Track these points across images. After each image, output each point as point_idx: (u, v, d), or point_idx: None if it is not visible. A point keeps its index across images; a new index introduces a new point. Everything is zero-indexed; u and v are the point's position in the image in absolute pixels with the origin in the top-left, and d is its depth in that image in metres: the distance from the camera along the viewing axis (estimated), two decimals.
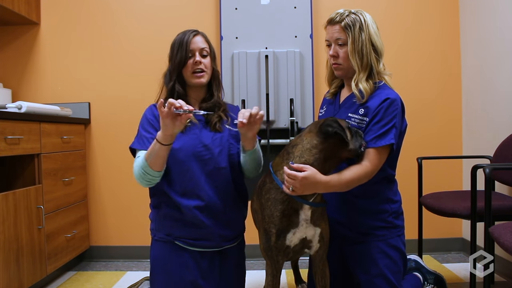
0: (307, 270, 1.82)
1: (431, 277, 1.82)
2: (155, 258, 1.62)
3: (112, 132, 2.74)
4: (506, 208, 1.84)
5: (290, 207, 1.39)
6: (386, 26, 2.70)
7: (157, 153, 1.43)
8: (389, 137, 1.44)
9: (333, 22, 1.53)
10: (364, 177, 1.42)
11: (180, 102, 1.37)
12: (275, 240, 1.39)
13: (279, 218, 1.39)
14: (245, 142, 1.55)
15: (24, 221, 1.98)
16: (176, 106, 1.35)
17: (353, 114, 1.54)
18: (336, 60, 1.56)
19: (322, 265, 1.50)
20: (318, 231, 1.43)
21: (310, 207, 1.40)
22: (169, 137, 1.42)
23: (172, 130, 1.39)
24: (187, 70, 1.60)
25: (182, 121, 1.38)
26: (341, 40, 1.52)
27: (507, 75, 2.24)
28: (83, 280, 2.39)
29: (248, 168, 1.63)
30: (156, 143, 1.43)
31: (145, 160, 1.46)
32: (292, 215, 1.39)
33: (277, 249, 1.41)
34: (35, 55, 2.75)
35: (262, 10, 2.63)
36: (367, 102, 1.51)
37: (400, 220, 1.61)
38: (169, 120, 1.36)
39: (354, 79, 1.52)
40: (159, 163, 1.46)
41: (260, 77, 2.59)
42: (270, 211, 1.41)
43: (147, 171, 1.47)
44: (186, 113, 1.36)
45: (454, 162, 2.73)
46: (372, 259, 1.55)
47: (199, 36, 1.63)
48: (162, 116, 1.37)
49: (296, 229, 1.40)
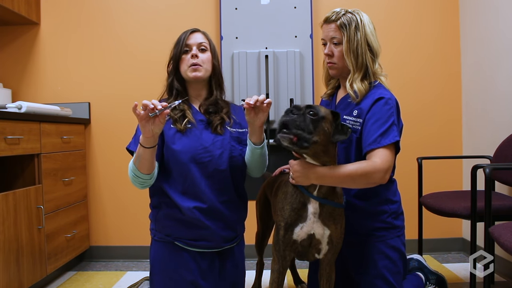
0: (306, 270, 1.82)
1: (433, 277, 1.82)
2: (154, 258, 1.62)
3: (112, 132, 2.74)
4: (506, 208, 1.84)
5: (298, 201, 1.38)
6: (386, 26, 2.70)
7: (143, 156, 1.42)
8: (392, 135, 1.41)
9: (329, 21, 1.53)
10: (372, 173, 1.34)
11: (154, 102, 1.33)
12: (283, 234, 1.38)
13: (288, 211, 1.38)
14: (253, 134, 1.54)
15: (24, 221, 1.98)
16: (150, 108, 1.31)
17: (348, 116, 1.53)
18: (331, 59, 1.55)
19: (329, 269, 1.47)
20: (328, 233, 1.39)
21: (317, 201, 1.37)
22: (151, 139, 1.39)
23: (152, 132, 1.36)
24: (183, 65, 1.59)
25: (160, 120, 1.35)
26: (336, 39, 1.51)
27: (507, 75, 2.24)
28: (83, 280, 2.39)
29: (253, 166, 1.62)
30: (140, 147, 1.41)
31: (133, 163, 1.46)
32: (301, 209, 1.38)
33: (284, 244, 1.39)
34: (35, 55, 2.75)
35: (262, 10, 2.63)
36: (361, 103, 1.50)
37: (399, 220, 1.60)
38: (145, 122, 1.34)
39: (349, 79, 1.51)
40: (146, 166, 1.45)
41: (260, 77, 2.59)
42: (281, 203, 1.41)
43: (137, 174, 1.47)
44: (163, 111, 1.33)
45: (454, 162, 2.73)
46: (371, 260, 1.54)
47: (198, 33, 1.63)
48: (138, 119, 1.34)
49: (304, 224, 1.37)
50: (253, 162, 1.61)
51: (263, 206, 1.82)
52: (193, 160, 1.54)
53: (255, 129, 1.52)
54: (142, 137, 1.39)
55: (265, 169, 1.69)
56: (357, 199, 1.56)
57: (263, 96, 1.43)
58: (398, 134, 1.43)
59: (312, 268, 1.72)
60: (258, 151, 1.57)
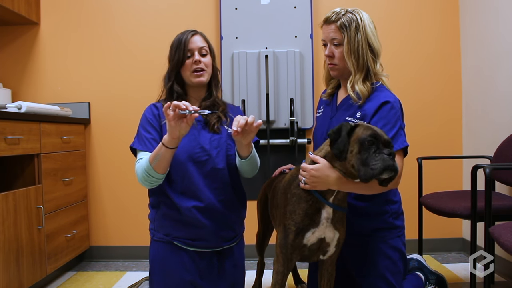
0: (306, 270, 1.82)
1: (433, 277, 1.82)
2: (154, 258, 1.62)
3: (112, 132, 2.74)
4: (506, 208, 1.84)
5: (313, 206, 1.35)
6: (386, 25, 2.70)
7: (163, 156, 1.43)
8: (401, 140, 1.43)
9: (329, 22, 1.51)
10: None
11: (185, 103, 1.35)
12: (293, 238, 1.35)
13: (301, 216, 1.35)
14: (240, 149, 1.53)
15: (24, 221, 1.98)
16: (181, 108, 1.34)
17: (351, 118, 1.51)
18: (331, 60, 1.54)
19: (331, 269, 1.47)
20: (337, 236, 1.39)
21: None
22: (176, 140, 1.41)
23: (178, 133, 1.38)
24: (186, 70, 1.60)
25: (188, 122, 1.37)
26: (336, 40, 1.50)
27: (507, 75, 2.24)
28: (83, 280, 2.39)
29: (244, 171, 1.63)
30: (162, 146, 1.42)
31: (149, 163, 1.45)
32: (315, 214, 1.35)
33: (293, 248, 1.37)
34: (35, 55, 2.75)
35: (262, 10, 2.63)
36: (364, 105, 1.48)
37: (400, 220, 1.60)
38: (174, 122, 1.36)
39: (350, 81, 1.50)
40: (164, 166, 1.46)
41: (260, 77, 2.59)
42: (293, 207, 1.37)
43: (151, 173, 1.46)
44: (192, 113, 1.36)
45: (454, 162, 2.73)
46: (372, 260, 1.54)
47: (198, 36, 1.63)
48: (168, 119, 1.36)
49: (316, 229, 1.35)
50: (242, 168, 1.61)
51: (264, 206, 1.81)
52: (190, 159, 1.54)
53: (243, 146, 1.51)
54: (168, 137, 1.40)
55: (257, 170, 1.68)
56: (359, 201, 1.55)
57: (252, 118, 1.37)
58: (405, 138, 1.45)
59: (312, 268, 1.72)
60: (246, 162, 1.57)
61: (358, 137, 1.25)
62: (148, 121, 1.59)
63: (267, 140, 2.59)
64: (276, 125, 2.61)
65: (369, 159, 1.21)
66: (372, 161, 1.21)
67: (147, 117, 1.60)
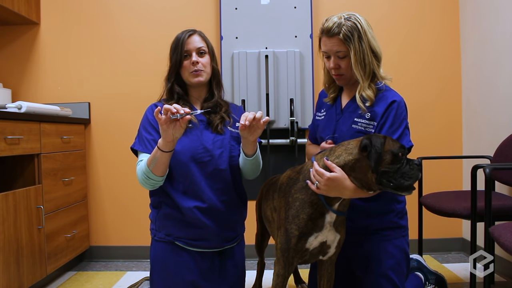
0: (306, 270, 1.82)
1: (433, 277, 1.82)
2: (155, 258, 1.62)
3: (112, 132, 2.74)
4: (506, 208, 1.84)
5: (318, 211, 1.35)
6: (386, 26, 2.70)
7: (160, 159, 1.43)
8: (407, 139, 1.45)
9: (330, 34, 1.46)
10: None
11: (176, 106, 1.34)
12: (295, 242, 1.35)
13: (305, 221, 1.35)
14: (246, 147, 1.54)
15: (24, 221, 1.98)
16: (172, 112, 1.33)
17: (359, 119, 1.51)
18: (338, 71, 1.52)
19: (331, 269, 1.48)
20: (338, 238, 1.40)
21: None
22: (171, 143, 1.41)
23: (172, 136, 1.38)
24: (185, 71, 1.60)
25: (181, 125, 1.37)
26: (341, 53, 1.48)
27: (507, 75, 2.24)
28: (83, 280, 2.39)
29: (247, 172, 1.63)
30: (158, 150, 1.42)
31: (147, 166, 1.46)
32: (318, 219, 1.35)
33: (295, 251, 1.37)
34: (35, 55, 2.75)
35: (262, 10, 2.63)
36: (373, 105, 1.49)
37: (404, 220, 1.60)
38: (167, 126, 1.36)
39: (358, 90, 1.49)
40: (162, 169, 1.46)
41: (260, 77, 2.59)
42: (296, 211, 1.36)
43: (150, 176, 1.46)
44: (184, 116, 1.35)
45: (454, 162, 2.73)
46: (376, 259, 1.54)
47: (195, 36, 1.62)
48: (160, 123, 1.36)
49: (319, 233, 1.36)
50: (246, 169, 1.61)
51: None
52: (193, 159, 1.54)
53: (249, 143, 1.51)
54: (162, 141, 1.40)
55: (259, 172, 1.68)
56: (365, 201, 1.53)
57: (260, 114, 1.40)
58: (410, 138, 1.47)
59: (313, 267, 1.72)
60: (251, 161, 1.57)
61: (390, 149, 1.27)
62: (149, 122, 1.59)
63: (267, 140, 2.59)
64: (276, 125, 2.61)
65: (405, 171, 1.27)
66: (409, 173, 1.27)
67: (149, 117, 1.60)
